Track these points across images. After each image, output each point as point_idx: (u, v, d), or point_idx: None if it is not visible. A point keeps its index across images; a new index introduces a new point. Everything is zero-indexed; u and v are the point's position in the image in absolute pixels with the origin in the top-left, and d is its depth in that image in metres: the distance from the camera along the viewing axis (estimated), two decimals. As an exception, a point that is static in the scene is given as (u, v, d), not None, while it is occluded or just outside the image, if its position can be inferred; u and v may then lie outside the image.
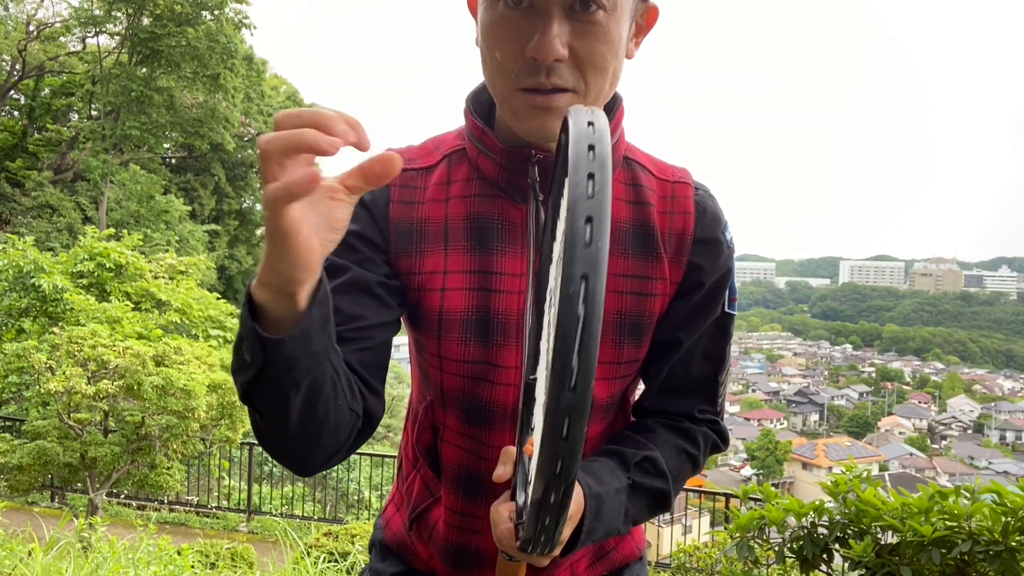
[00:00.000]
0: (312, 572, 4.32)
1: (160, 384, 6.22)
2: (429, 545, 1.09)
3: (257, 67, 25.37)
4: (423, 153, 1.03)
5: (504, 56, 0.87)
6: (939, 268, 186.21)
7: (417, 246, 0.98)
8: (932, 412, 77.34)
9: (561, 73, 0.86)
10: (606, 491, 0.90)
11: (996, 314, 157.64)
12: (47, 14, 27.09)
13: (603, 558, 1.12)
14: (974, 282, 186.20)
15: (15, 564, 3.62)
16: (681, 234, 1.00)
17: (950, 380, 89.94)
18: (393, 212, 0.99)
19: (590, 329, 0.58)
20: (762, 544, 2.98)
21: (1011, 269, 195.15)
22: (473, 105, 1.01)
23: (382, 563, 1.17)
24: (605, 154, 0.62)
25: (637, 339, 1.00)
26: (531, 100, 0.87)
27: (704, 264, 1.01)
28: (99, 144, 21.10)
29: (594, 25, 0.85)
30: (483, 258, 0.97)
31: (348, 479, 11.09)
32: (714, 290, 1.02)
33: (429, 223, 0.99)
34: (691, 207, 1.01)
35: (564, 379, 0.59)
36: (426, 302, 0.98)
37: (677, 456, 1.02)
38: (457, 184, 1.00)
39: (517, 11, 0.85)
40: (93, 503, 6.54)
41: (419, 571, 1.13)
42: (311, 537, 5.44)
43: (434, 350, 1.00)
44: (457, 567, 1.06)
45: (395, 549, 1.15)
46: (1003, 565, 2.27)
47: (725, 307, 1.04)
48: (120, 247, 10.05)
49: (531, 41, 0.84)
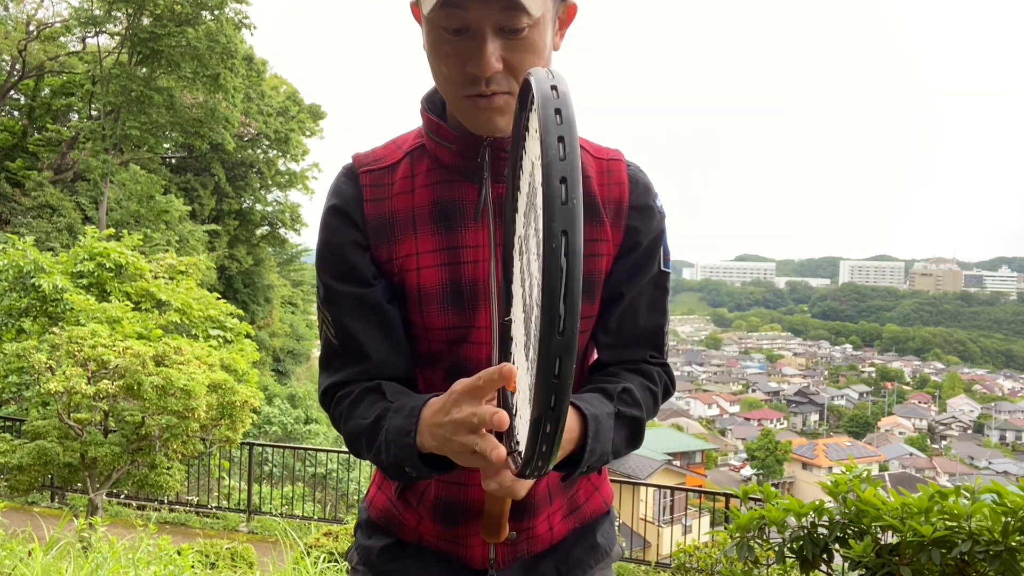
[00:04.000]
0: (312, 572, 4.32)
1: (160, 384, 6.21)
2: (418, 508, 1.19)
3: (257, 67, 25.34)
4: (387, 153, 1.17)
5: (449, 71, 1.01)
6: (939, 268, 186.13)
7: (391, 235, 1.12)
8: (932, 412, 77.31)
9: (498, 80, 1.00)
10: (600, 413, 1.03)
11: (996, 314, 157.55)
12: (47, 14, 27.10)
13: (575, 511, 1.24)
14: (974, 282, 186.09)
15: (15, 564, 3.62)
16: (618, 201, 1.15)
17: (950, 380, 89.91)
18: (367, 211, 1.12)
19: (573, 278, 0.65)
20: (762, 544, 2.98)
21: (1011, 269, 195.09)
22: (428, 105, 1.15)
23: (369, 540, 1.25)
24: (571, 117, 0.70)
25: (590, 296, 1.14)
26: (475, 103, 1.02)
27: (640, 227, 1.16)
28: (99, 144, 21.08)
29: (522, 40, 0.98)
30: (449, 236, 1.10)
31: (348, 479, 11.10)
32: (650, 249, 1.17)
33: (399, 214, 1.12)
34: (625, 179, 1.17)
35: (553, 324, 0.66)
36: (405, 282, 1.12)
37: (643, 391, 1.15)
38: (420, 176, 1.13)
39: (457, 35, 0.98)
40: (93, 503, 6.54)
41: (407, 541, 1.22)
42: (311, 537, 5.45)
43: (419, 322, 1.13)
44: (447, 523, 1.16)
45: (382, 524, 1.24)
46: (1003, 565, 2.27)
47: (661, 265, 1.19)
48: (120, 247, 10.04)
49: (470, 59, 0.98)
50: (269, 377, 23.58)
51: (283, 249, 32.11)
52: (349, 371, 1.12)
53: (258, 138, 26.80)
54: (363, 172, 1.14)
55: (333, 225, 1.13)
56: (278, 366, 27.78)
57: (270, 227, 29.99)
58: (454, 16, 0.96)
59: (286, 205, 29.77)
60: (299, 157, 28.05)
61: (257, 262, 27.79)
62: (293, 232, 30.58)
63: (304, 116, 28.34)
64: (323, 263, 1.14)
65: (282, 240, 30.94)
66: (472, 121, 1.05)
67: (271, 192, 29.49)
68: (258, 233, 29.39)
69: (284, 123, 26.79)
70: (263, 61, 26.25)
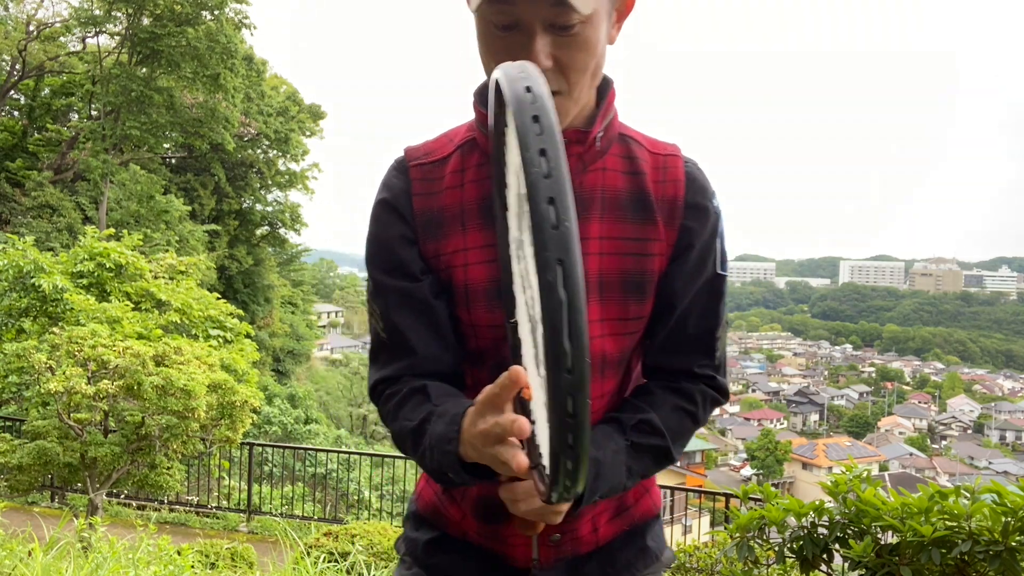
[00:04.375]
0: (312, 572, 4.32)
1: (160, 384, 6.21)
2: (462, 504, 1.18)
3: (257, 67, 25.35)
4: (438, 146, 1.15)
5: None
6: (939, 268, 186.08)
7: (440, 231, 1.10)
8: (932, 412, 77.32)
9: (548, 79, 0.95)
10: (604, 455, 1.02)
11: (996, 314, 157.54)
12: (47, 14, 27.06)
13: (623, 513, 1.21)
14: (974, 282, 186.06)
15: (15, 564, 3.62)
16: (673, 200, 1.11)
17: (950, 380, 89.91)
18: (416, 205, 1.11)
19: (575, 310, 0.61)
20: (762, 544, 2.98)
21: (1011, 269, 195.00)
22: (479, 98, 1.12)
23: (416, 532, 1.26)
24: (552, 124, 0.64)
25: (641, 296, 1.11)
26: None
27: (694, 227, 1.11)
28: (99, 144, 21.08)
29: (573, 36, 0.96)
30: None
31: (348, 479, 11.10)
32: (704, 251, 1.12)
33: (448, 209, 1.10)
34: (681, 176, 1.13)
35: (560, 362, 0.63)
36: (453, 278, 1.10)
37: (675, 414, 1.12)
38: (470, 170, 1.11)
39: (506, 31, 0.97)
40: (93, 503, 6.54)
41: (452, 535, 1.22)
42: (311, 537, 5.44)
43: (466, 319, 1.11)
44: (488, 521, 1.15)
45: (429, 517, 1.24)
46: (1003, 565, 2.27)
47: (717, 268, 1.14)
48: (120, 247, 10.04)
49: (519, 56, 0.93)
50: (269, 377, 23.58)
51: (283, 249, 32.11)
52: (396, 365, 1.12)
53: (258, 138, 26.80)
54: (413, 166, 1.13)
55: (382, 219, 1.13)
56: (278, 366, 27.79)
57: (270, 227, 30.00)
58: (503, 12, 0.95)
59: (286, 205, 29.78)
60: (299, 157, 28.07)
61: (257, 262, 27.79)
62: (293, 232, 30.64)
63: (304, 116, 28.36)
64: (372, 257, 1.14)
65: (282, 240, 30.95)
66: None
67: (271, 192, 29.52)
68: (258, 233, 29.39)
69: (284, 123, 26.79)
70: (263, 61, 26.27)
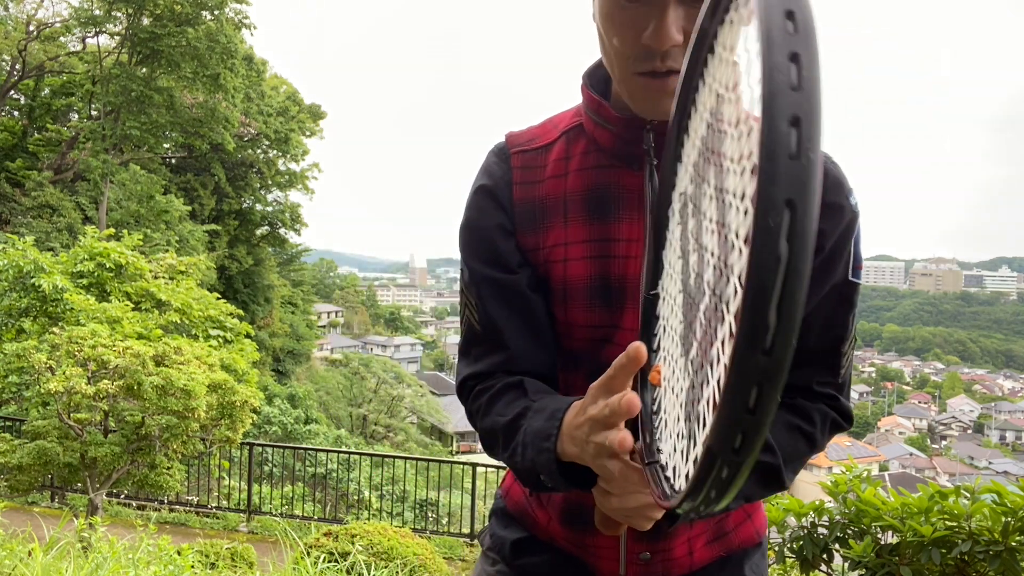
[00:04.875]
0: (312, 572, 4.31)
1: (160, 384, 6.21)
2: (548, 508, 1.14)
3: (257, 67, 25.33)
4: (542, 132, 1.09)
5: (622, 43, 0.90)
6: (939, 268, 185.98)
7: (540, 223, 1.04)
8: (932, 412, 77.30)
9: (675, 56, 0.88)
10: None
11: (996, 314, 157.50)
12: (47, 14, 27.08)
13: (721, 537, 1.13)
14: (974, 282, 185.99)
15: (15, 564, 3.61)
16: None
17: (950, 380, 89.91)
18: (516, 195, 1.05)
19: (797, 274, 0.46)
20: (762, 544, 2.97)
21: (1011, 269, 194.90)
22: (590, 80, 1.05)
23: (504, 530, 1.22)
24: (810, 23, 0.47)
25: None
26: (648, 83, 0.91)
27: (826, 227, 0.99)
28: (99, 144, 21.07)
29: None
30: (602, 226, 1.02)
31: (348, 479, 11.09)
32: (834, 254, 1.00)
33: (549, 199, 1.04)
34: None
35: (757, 338, 0.47)
36: (551, 274, 1.04)
37: (788, 433, 1.01)
38: (576, 158, 1.04)
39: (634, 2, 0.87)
40: (93, 503, 6.53)
41: (539, 537, 1.18)
42: (311, 537, 5.44)
43: (562, 317, 1.05)
44: (575, 527, 1.11)
45: (516, 516, 1.20)
46: (1003, 565, 2.27)
47: (849, 275, 1.02)
48: (120, 247, 10.03)
49: (647, 29, 0.87)
50: (269, 377, 23.57)
51: (283, 249, 32.09)
52: (489, 360, 1.06)
53: (258, 138, 26.79)
54: (515, 153, 1.08)
55: (480, 206, 1.07)
56: (278, 366, 27.77)
57: (270, 227, 29.99)
58: None
59: (286, 205, 29.77)
60: (299, 157, 28.06)
61: (257, 262, 27.78)
62: (293, 232, 30.61)
63: (304, 116, 28.34)
64: (467, 245, 1.08)
65: (282, 240, 30.93)
66: (640, 103, 0.94)
67: (271, 192, 29.50)
68: (258, 233, 29.37)
69: (284, 123, 26.79)
70: (263, 61, 26.25)
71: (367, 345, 57.28)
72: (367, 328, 64.97)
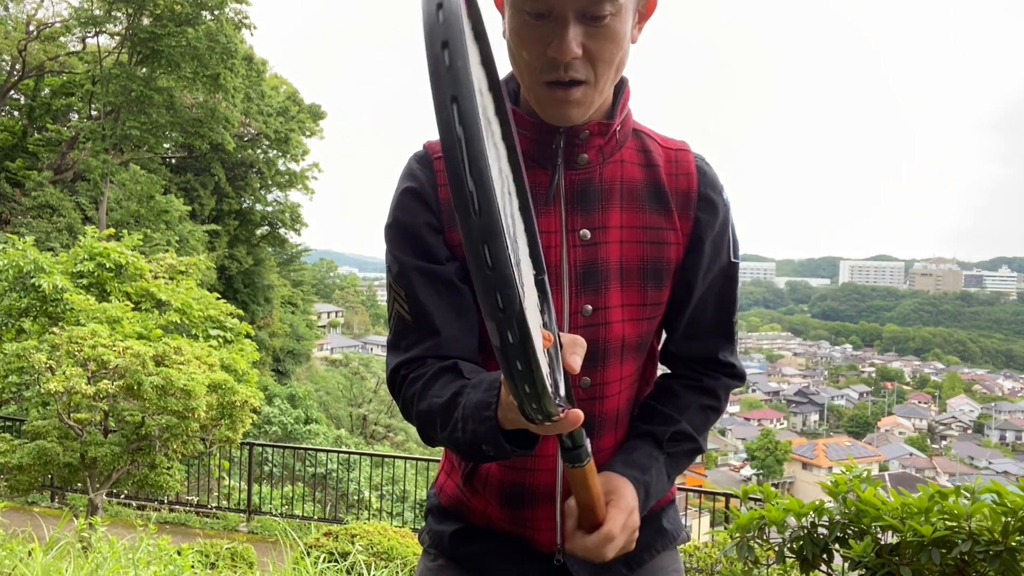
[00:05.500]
0: (312, 572, 4.31)
1: (160, 384, 6.21)
2: (484, 494, 1.20)
3: (257, 67, 25.33)
4: None
5: (530, 55, 1.02)
6: (939, 268, 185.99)
7: None
8: (932, 412, 77.30)
9: (576, 68, 1.01)
10: (650, 477, 1.10)
11: (996, 314, 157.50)
12: (47, 14, 27.06)
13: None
14: (974, 282, 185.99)
15: (15, 564, 3.62)
16: (687, 192, 1.17)
17: (950, 380, 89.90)
18: (442, 195, 1.13)
19: (474, 147, 0.58)
20: (762, 544, 2.97)
21: (1011, 269, 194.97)
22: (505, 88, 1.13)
23: (440, 524, 1.29)
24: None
25: (658, 283, 1.15)
26: (553, 93, 1.04)
27: (707, 218, 1.17)
28: (99, 144, 21.08)
29: (602, 28, 1.00)
30: None
31: (348, 479, 11.10)
32: (718, 241, 1.18)
33: None
34: (693, 169, 1.18)
35: (467, 206, 0.58)
36: None
37: (701, 413, 1.21)
38: None
39: (539, 20, 0.99)
40: (93, 503, 6.53)
41: (476, 525, 1.24)
42: (311, 537, 5.44)
43: None
44: (513, 507, 1.18)
45: (452, 510, 1.28)
46: (1003, 565, 2.27)
47: (731, 257, 1.21)
48: (120, 247, 10.03)
49: (551, 44, 0.99)
50: (269, 377, 23.57)
51: (283, 249, 32.09)
52: (421, 347, 1.12)
53: (258, 138, 26.78)
54: (436, 158, 1.15)
55: (408, 206, 1.14)
56: (278, 366, 27.77)
57: (270, 227, 29.99)
58: (539, 0, 0.98)
59: (286, 205, 29.77)
60: (299, 157, 28.06)
61: (257, 262, 27.77)
62: (293, 232, 30.61)
63: (304, 116, 28.34)
64: (396, 241, 1.15)
65: (282, 240, 30.93)
66: (547, 111, 1.07)
67: (271, 192, 29.49)
68: (258, 233, 29.37)
69: (284, 123, 26.78)
70: (263, 61, 26.26)
71: (367, 345, 57.30)
72: (367, 328, 64.98)
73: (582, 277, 1.12)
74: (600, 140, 1.12)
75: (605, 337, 1.13)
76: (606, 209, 1.13)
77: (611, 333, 1.14)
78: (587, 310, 1.12)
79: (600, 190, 1.13)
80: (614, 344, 1.14)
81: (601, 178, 1.13)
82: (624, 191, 1.14)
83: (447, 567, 1.26)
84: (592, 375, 1.14)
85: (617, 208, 1.13)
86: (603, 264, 1.13)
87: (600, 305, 1.13)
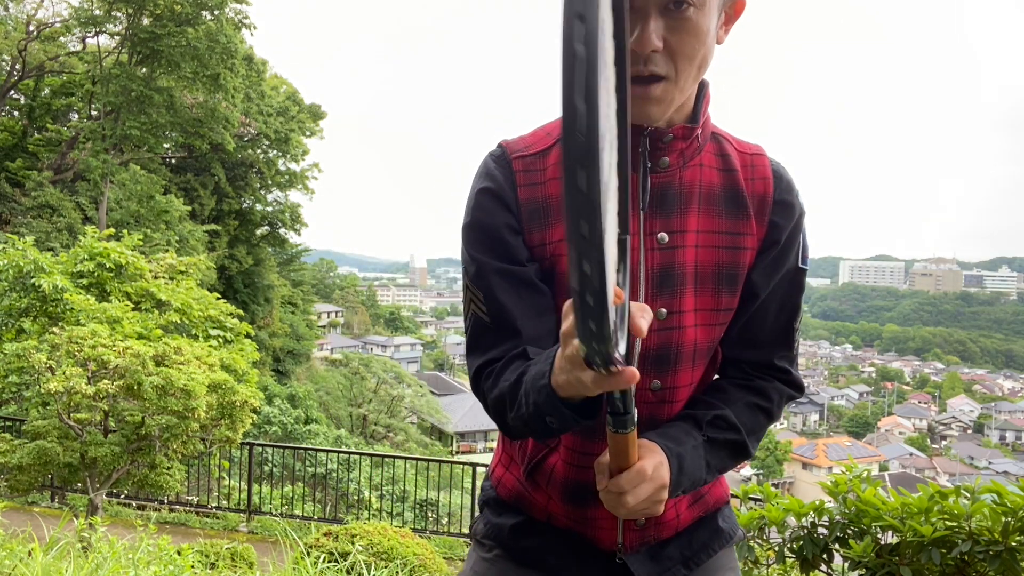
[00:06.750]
0: (312, 572, 4.31)
1: (160, 384, 6.20)
2: (547, 489, 1.20)
3: (257, 67, 25.33)
4: (535, 140, 1.16)
5: None
6: (939, 268, 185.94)
7: (546, 220, 1.11)
8: (932, 412, 77.26)
9: (656, 62, 1.00)
10: (684, 449, 1.06)
11: (996, 314, 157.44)
12: (47, 14, 27.06)
13: (699, 500, 1.27)
14: (974, 282, 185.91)
15: (15, 564, 3.61)
16: (763, 196, 1.16)
17: (950, 380, 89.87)
18: (521, 195, 1.12)
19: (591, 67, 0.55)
20: (762, 544, 2.98)
21: (1011, 269, 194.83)
22: None
23: (499, 517, 1.28)
24: None
25: (732, 288, 1.15)
26: (632, 91, 0.96)
27: (781, 223, 1.16)
28: (99, 144, 21.07)
29: (685, 20, 0.99)
30: None
31: (348, 479, 11.09)
32: (788, 246, 1.17)
33: (553, 199, 1.12)
34: (769, 174, 1.18)
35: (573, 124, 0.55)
36: (556, 268, 1.12)
37: (749, 411, 1.17)
38: None
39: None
40: (93, 503, 6.53)
41: (537, 519, 1.24)
42: (311, 537, 5.44)
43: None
44: (576, 504, 1.18)
45: (511, 503, 1.27)
46: (1003, 565, 2.27)
47: (799, 263, 1.19)
48: (120, 247, 10.03)
49: (632, 36, 0.96)
50: (269, 377, 23.57)
51: (283, 249, 32.10)
52: (502, 347, 1.09)
53: (258, 138, 26.78)
54: (516, 158, 1.14)
55: (486, 206, 1.12)
56: (278, 366, 27.77)
57: (270, 227, 29.99)
58: None
59: (286, 205, 29.77)
60: (299, 157, 28.06)
61: (257, 262, 27.77)
62: (293, 232, 30.62)
63: (304, 116, 28.34)
64: (475, 242, 1.12)
65: (282, 240, 30.94)
66: None
67: (271, 192, 29.50)
68: (258, 233, 29.37)
69: (284, 123, 26.78)
70: (263, 61, 26.25)
71: (367, 345, 57.24)
72: (367, 328, 64.93)
73: (658, 281, 1.11)
74: (683, 144, 1.11)
75: (678, 341, 1.13)
76: (684, 213, 1.12)
77: (684, 337, 1.14)
78: (662, 314, 1.12)
79: (679, 194, 1.12)
80: (687, 349, 1.14)
81: (680, 182, 1.12)
82: (702, 195, 1.13)
83: (502, 559, 1.26)
84: (663, 379, 1.14)
85: (695, 212, 1.13)
86: (679, 268, 1.12)
87: (675, 309, 1.12)
